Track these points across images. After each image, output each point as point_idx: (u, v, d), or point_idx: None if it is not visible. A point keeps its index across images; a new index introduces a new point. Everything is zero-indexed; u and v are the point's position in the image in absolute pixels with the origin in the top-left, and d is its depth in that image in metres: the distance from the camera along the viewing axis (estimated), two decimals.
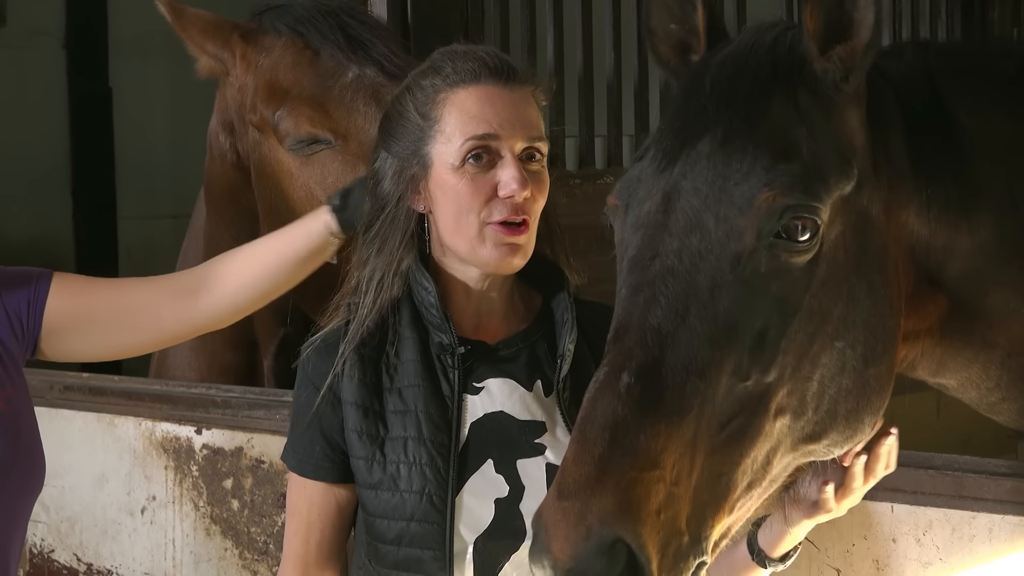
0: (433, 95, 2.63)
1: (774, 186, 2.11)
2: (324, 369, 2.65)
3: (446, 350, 2.63)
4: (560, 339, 2.66)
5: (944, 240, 2.30)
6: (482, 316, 2.70)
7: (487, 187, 2.58)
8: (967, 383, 2.45)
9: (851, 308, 2.17)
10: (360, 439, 2.60)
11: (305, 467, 2.68)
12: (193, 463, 3.93)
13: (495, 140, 2.58)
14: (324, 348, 2.68)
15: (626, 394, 2.02)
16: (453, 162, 2.59)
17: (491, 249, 2.59)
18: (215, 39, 4.02)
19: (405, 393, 2.61)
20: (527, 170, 2.60)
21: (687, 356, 2.05)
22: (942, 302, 2.33)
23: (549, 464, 2.58)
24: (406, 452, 2.57)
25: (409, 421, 2.59)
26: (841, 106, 2.22)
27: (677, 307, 2.08)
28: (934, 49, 2.50)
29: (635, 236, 2.18)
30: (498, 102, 2.60)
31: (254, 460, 3.81)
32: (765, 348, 2.10)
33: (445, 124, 2.61)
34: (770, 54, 2.23)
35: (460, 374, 2.62)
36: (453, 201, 2.60)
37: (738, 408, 2.08)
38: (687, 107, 2.23)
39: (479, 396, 2.63)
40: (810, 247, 2.12)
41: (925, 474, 2.98)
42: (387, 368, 2.64)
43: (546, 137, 2.68)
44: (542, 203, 2.64)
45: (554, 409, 2.63)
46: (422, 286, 2.66)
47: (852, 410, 2.19)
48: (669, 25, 2.39)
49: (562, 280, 2.73)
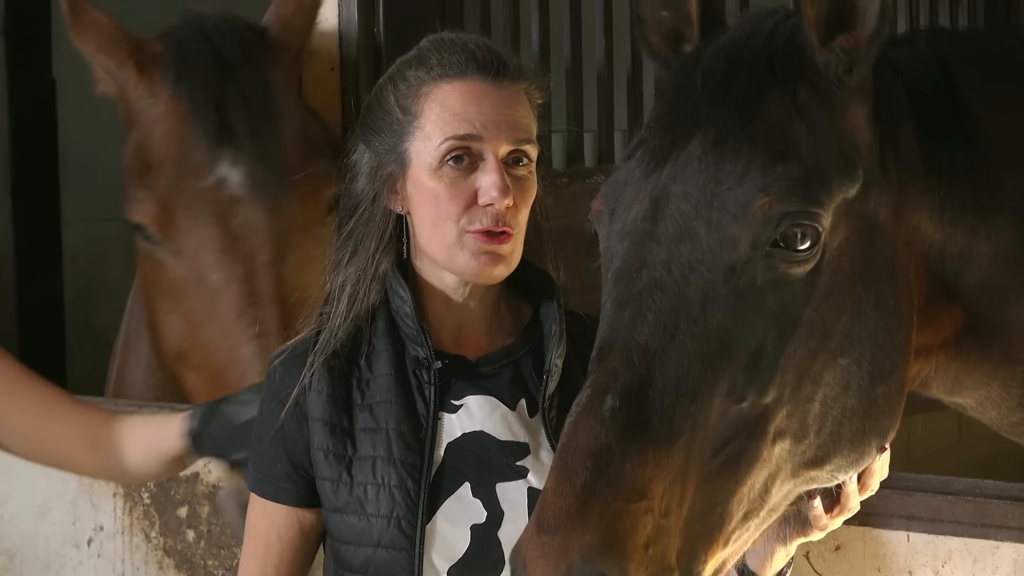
0: (416, 88, 2.64)
1: (771, 191, 2.11)
2: (291, 382, 2.66)
3: (422, 364, 2.64)
4: (547, 353, 2.67)
5: (960, 246, 2.31)
6: (463, 328, 2.71)
7: (466, 192, 2.59)
8: (986, 402, 2.45)
9: (856, 322, 2.17)
10: (326, 459, 2.61)
11: (265, 487, 2.69)
12: (144, 490, 3.94)
13: (477, 142, 2.59)
14: (292, 359, 2.69)
15: (610, 418, 2.02)
16: (431, 163, 2.60)
17: (470, 258, 2.60)
18: (111, 57, 3.82)
19: (376, 410, 2.62)
20: (512, 175, 2.60)
21: (677, 376, 2.06)
22: (958, 314, 2.34)
23: (531, 488, 2.59)
24: (374, 473, 2.58)
25: (379, 440, 2.60)
26: (844, 101, 2.22)
27: (666, 323, 2.08)
28: (948, 37, 2.51)
29: (621, 245, 2.19)
30: (484, 100, 2.61)
31: (211, 486, 3.82)
32: (762, 367, 2.10)
33: (426, 121, 2.62)
34: (767, 45, 2.24)
35: (436, 391, 2.63)
36: (430, 205, 2.61)
37: (733, 432, 2.09)
38: (677, 103, 2.24)
39: (457, 415, 2.64)
40: (811, 257, 2.12)
41: (944, 500, 2.99)
42: (359, 383, 2.65)
43: (537, 140, 2.68)
44: (526, 212, 2.64)
45: (539, 430, 2.64)
46: (398, 294, 2.67)
47: (858, 432, 2.20)
48: (660, 12, 2.40)
49: (552, 289, 2.74)
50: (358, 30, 4.05)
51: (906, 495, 3.10)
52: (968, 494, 3.05)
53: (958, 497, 3.03)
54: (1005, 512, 2.94)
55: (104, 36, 3.81)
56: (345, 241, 2.70)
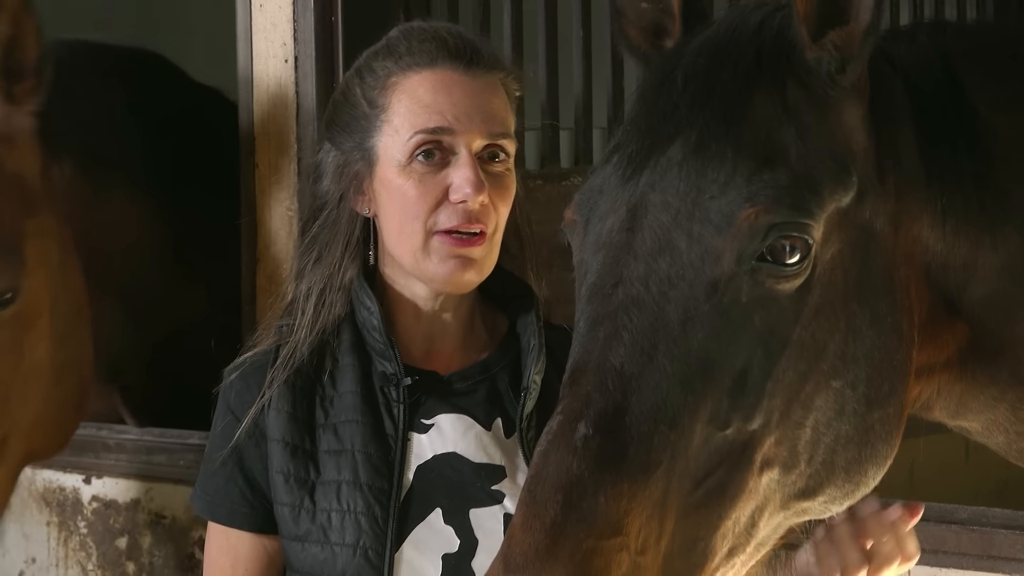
0: (384, 79, 2.66)
1: (757, 200, 2.11)
2: (248, 398, 2.67)
3: (390, 381, 2.64)
4: (525, 369, 2.68)
5: (964, 257, 2.32)
6: (434, 341, 2.71)
7: (437, 189, 2.60)
8: (993, 426, 2.46)
9: (851, 341, 2.18)
10: (287, 483, 2.61)
11: (217, 511, 2.68)
12: (81, 518, 3.93)
13: (449, 135, 2.60)
14: (251, 373, 2.70)
15: (583, 447, 2.02)
16: (400, 158, 2.61)
17: (437, 263, 2.60)
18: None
19: (341, 430, 2.63)
20: (487, 172, 2.62)
21: (655, 401, 2.06)
22: (962, 331, 2.35)
23: (508, 515, 2.60)
24: (339, 499, 2.59)
25: (344, 463, 2.60)
26: (837, 102, 2.23)
27: (643, 343, 2.08)
28: (952, 31, 2.51)
29: (595, 258, 2.19)
30: (456, 90, 2.62)
31: (153, 514, 3.81)
32: (748, 390, 2.10)
33: (393, 113, 2.63)
34: (754, 41, 2.24)
35: (406, 409, 2.63)
36: (398, 204, 2.62)
37: (716, 461, 2.09)
38: (656, 104, 2.24)
39: (427, 435, 2.65)
40: (800, 271, 2.13)
41: (948, 530, 3.00)
42: (322, 400, 2.66)
43: (514, 134, 2.69)
44: (505, 212, 2.65)
45: (516, 452, 2.65)
46: (364, 305, 2.67)
47: (853, 461, 2.20)
48: (640, 4, 2.40)
49: (531, 301, 2.75)
50: (314, 20, 4.04)
51: None
52: (974, 523, 3.06)
53: (963, 527, 3.04)
54: (1014, 543, 2.95)
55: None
56: (309, 246, 2.71)
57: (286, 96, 4.07)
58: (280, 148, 4.06)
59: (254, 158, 4.09)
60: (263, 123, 4.11)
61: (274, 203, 4.05)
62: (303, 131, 4.00)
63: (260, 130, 4.10)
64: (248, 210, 4.09)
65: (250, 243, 4.08)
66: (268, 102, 4.11)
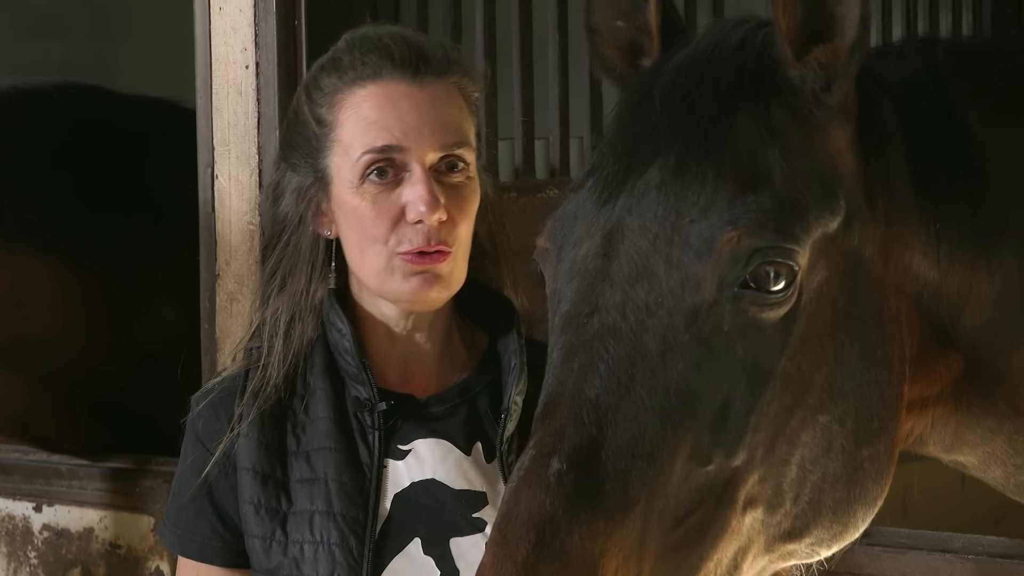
0: (331, 95, 2.66)
1: (739, 223, 2.12)
2: (218, 427, 2.68)
3: (364, 406, 2.65)
4: (506, 389, 2.69)
5: (958, 285, 2.33)
6: (409, 363, 2.73)
7: (393, 209, 2.61)
8: (990, 459, 2.47)
9: (839, 374, 2.18)
10: (257, 514, 2.62)
11: (188, 546, 2.69)
12: (31, 548, 3.93)
13: (399, 152, 2.61)
14: (219, 401, 2.70)
15: (556, 484, 2.02)
16: (351, 179, 2.62)
17: (401, 280, 2.61)
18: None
19: (314, 458, 2.64)
20: (445, 184, 2.62)
21: (632, 435, 2.06)
22: (956, 362, 2.36)
23: None
24: (312, 530, 2.59)
25: (317, 492, 2.61)
26: (823, 122, 2.24)
27: (620, 375, 2.09)
28: (942, 47, 2.51)
29: (570, 286, 2.19)
30: (403, 103, 2.63)
31: (108, 544, 3.82)
32: (730, 425, 2.11)
33: (342, 132, 2.64)
34: (735, 59, 2.25)
35: (381, 435, 2.64)
36: (355, 226, 2.64)
37: (697, 499, 2.09)
38: (633, 125, 2.24)
39: (404, 461, 2.66)
40: (785, 299, 2.13)
41: (942, 558, 3.03)
42: (293, 427, 2.67)
43: (475, 139, 2.69)
44: (468, 225, 2.66)
45: (497, 477, 2.67)
46: (335, 327, 2.68)
47: (841, 501, 2.21)
48: (615, 22, 2.41)
49: (512, 317, 2.76)
50: (276, 24, 4.04)
51: (899, 553, 3.14)
52: (970, 552, 3.09)
53: (957, 555, 3.07)
54: (1012, 573, 2.98)
55: None
56: (272, 273, 2.72)
57: (247, 104, 4.08)
58: (240, 158, 4.06)
59: (213, 169, 4.09)
60: (223, 132, 4.11)
61: (235, 216, 4.05)
62: (265, 140, 4.01)
63: (219, 139, 4.10)
64: (206, 224, 4.10)
65: (209, 259, 4.08)
66: (228, 110, 4.11)
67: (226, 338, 3.96)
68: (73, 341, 4.65)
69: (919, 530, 3.14)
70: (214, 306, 4.04)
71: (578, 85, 4.94)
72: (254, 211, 3.98)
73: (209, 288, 4.07)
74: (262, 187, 3.94)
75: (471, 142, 2.69)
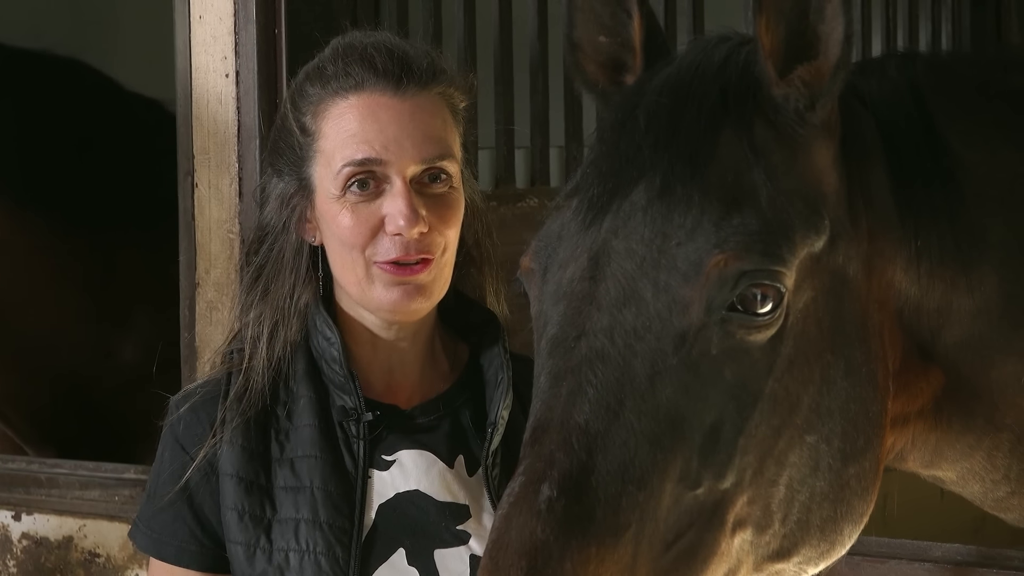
0: (315, 105, 2.65)
1: (726, 246, 2.11)
2: (198, 431, 2.65)
3: (350, 416, 2.63)
4: (492, 404, 2.68)
5: (938, 301, 2.32)
6: (393, 373, 2.71)
7: (372, 219, 2.59)
8: (968, 475, 2.47)
9: (825, 393, 2.18)
10: (241, 520, 2.60)
11: (164, 549, 2.66)
12: (10, 557, 3.91)
13: (379, 165, 2.59)
14: (201, 404, 2.68)
15: (547, 511, 2.01)
16: (333, 190, 2.61)
17: (382, 291, 2.60)
18: None
19: (298, 465, 2.62)
20: (427, 195, 2.60)
21: (622, 460, 2.05)
22: (937, 378, 2.36)
23: (474, 556, 2.60)
24: (297, 538, 2.57)
25: (303, 500, 2.59)
26: (807, 141, 2.23)
27: (609, 399, 2.07)
28: (923, 62, 2.51)
29: (556, 309, 2.18)
30: (383, 116, 2.61)
31: (87, 553, 3.80)
32: (719, 447, 2.10)
33: (325, 142, 2.62)
34: (719, 77, 2.24)
35: (366, 445, 2.62)
36: (336, 235, 2.62)
37: (687, 522, 2.08)
38: (618, 146, 2.23)
39: (389, 472, 2.64)
40: (772, 321, 2.12)
41: (921, 568, 3.03)
42: (277, 434, 2.65)
43: (462, 149, 2.67)
44: (451, 235, 2.64)
45: (480, 491, 2.65)
46: (323, 335, 2.66)
47: (829, 519, 2.20)
48: (598, 38, 2.39)
49: (496, 330, 2.74)
50: (256, 32, 4.02)
51: (879, 562, 3.14)
52: (948, 561, 3.09)
53: (937, 565, 3.07)
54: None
55: None
56: (255, 278, 2.70)
57: (227, 112, 4.06)
58: (220, 167, 4.04)
59: (193, 177, 4.07)
60: (202, 140, 4.09)
61: (214, 225, 4.04)
62: (244, 149, 3.99)
63: (199, 148, 4.08)
64: (186, 232, 4.08)
65: (189, 267, 4.06)
66: (208, 118, 4.09)
67: (206, 346, 3.94)
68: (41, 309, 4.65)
69: (899, 539, 3.14)
70: (194, 314, 4.02)
71: (557, 94, 4.92)
72: (234, 219, 3.96)
73: (189, 296, 4.05)
74: (242, 196, 3.92)
75: (454, 153, 2.66)
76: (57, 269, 4.81)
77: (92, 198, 4.87)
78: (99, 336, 4.89)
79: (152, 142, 4.41)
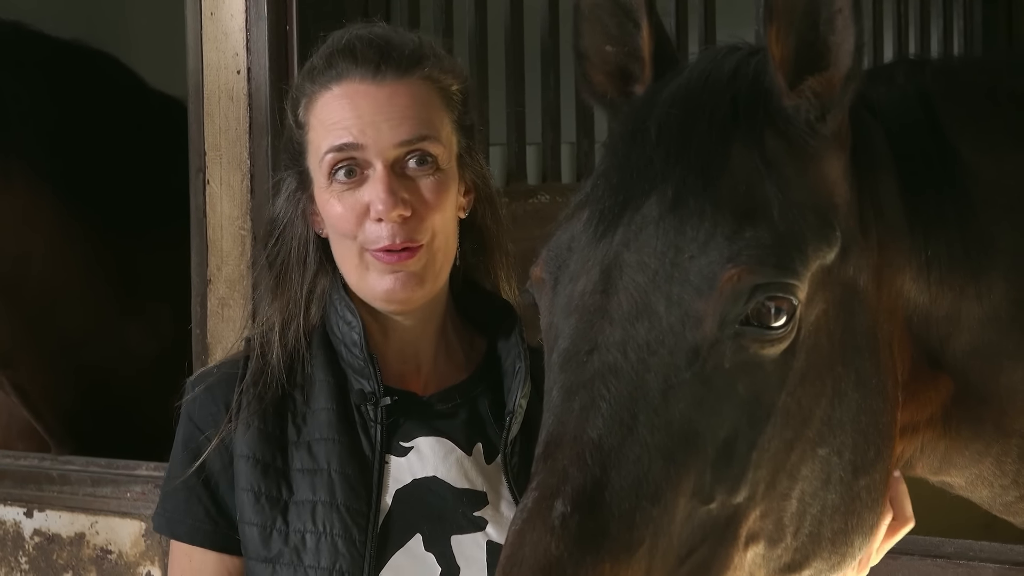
0: (307, 99, 2.69)
1: (739, 260, 2.09)
2: (213, 410, 2.67)
3: (368, 400, 2.64)
4: (510, 392, 2.68)
5: (948, 308, 2.31)
6: (406, 361, 2.72)
7: (358, 207, 2.61)
8: (977, 481, 2.46)
9: (837, 405, 2.16)
10: (257, 502, 2.61)
11: (177, 527, 2.67)
12: (22, 553, 3.92)
13: (359, 150, 2.61)
14: (216, 384, 2.69)
15: (561, 527, 1.99)
16: (320, 180, 2.64)
17: (377, 279, 2.61)
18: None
19: (315, 448, 2.62)
20: (413, 178, 2.61)
21: (636, 476, 2.03)
22: (946, 386, 2.34)
23: (491, 542, 2.61)
24: (314, 519, 2.58)
25: (320, 482, 2.60)
26: (818, 152, 2.21)
27: (622, 414, 2.06)
28: (931, 69, 2.49)
29: (567, 322, 2.16)
30: (361, 102, 2.62)
31: (99, 549, 3.80)
32: (732, 462, 2.08)
33: (313, 134, 2.67)
34: (729, 88, 2.22)
35: (384, 429, 2.63)
36: (330, 225, 2.66)
37: (700, 537, 2.07)
38: (629, 158, 2.21)
39: (406, 458, 2.65)
40: (786, 334, 2.11)
41: (933, 564, 3.03)
42: (293, 417, 2.66)
43: (458, 132, 2.66)
44: (438, 219, 2.63)
45: (499, 479, 2.65)
46: (344, 319, 2.67)
47: (840, 531, 2.19)
48: (604, 47, 2.37)
49: (513, 320, 2.74)
50: (267, 29, 4.03)
51: (890, 559, 3.12)
52: (960, 557, 3.09)
53: (949, 560, 3.07)
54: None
55: None
56: (267, 269, 2.73)
57: (238, 109, 4.06)
58: (232, 163, 4.05)
59: (204, 174, 4.08)
60: (214, 137, 4.10)
61: (226, 221, 4.04)
62: (256, 145, 3.99)
63: (211, 144, 4.09)
64: (198, 229, 4.09)
65: (200, 264, 4.07)
66: (219, 115, 4.10)
67: (217, 343, 3.96)
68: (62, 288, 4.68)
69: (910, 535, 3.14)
70: (205, 311, 4.03)
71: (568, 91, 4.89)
72: (246, 216, 3.97)
73: (200, 293, 4.06)
74: (254, 192, 3.93)
75: (438, 134, 2.65)
76: (91, 265, 4.84)
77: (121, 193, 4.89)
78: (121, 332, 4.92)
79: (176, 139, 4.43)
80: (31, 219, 4.67)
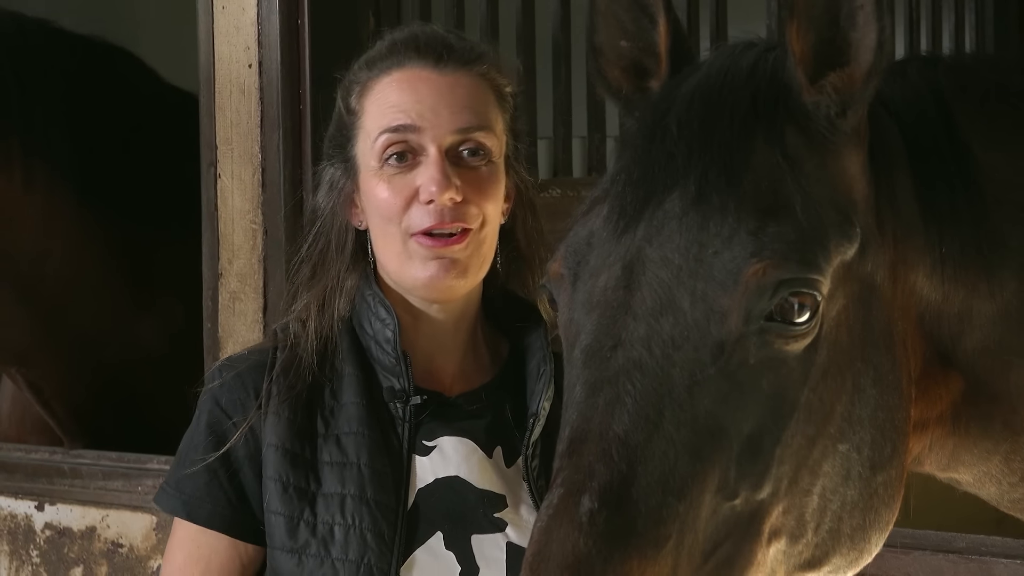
0: (361, 85, 2.69)
1: (764, 255, 2.08)
2: (241, 395, 2.66)
3: (398, 397, 2.64)
4: (533, 395, 2.68)
5: (959, 306, 2.30)
6: (434, 359, 2.72)
7: (407, 190, 2.60)
8: (985, 478, 2.46)
9: (856, 401, 2.16)
10: (285, 492, 2.60)
11: (197, 511, 2.65)
12: (33, 547, 3.92)
13: (415, 132, 2.61)
14: (247, 371, 2.69)
15: (588, 523, 1.98)
16: (372, 163, 2.63)
17: (419, 266, 2.60)
18: None
19: (344, 442, 2.62)
20: (464, 169, 2.61)
21: (662, 472, 2.02)
22: (956, 383, 2.33)
23: (511, 544, 2.61)
24: (343, 512, 2.58)
25: (349, 476, 2.60)
26: (838, 148, 2.20)
27: (648, 410, 2.04)
28: (943, 66, 2.47)
29: (589, 318, 2.14)
30: (422, 87, 2.63)
31: (110, 543, 3.81)
32: (756, 458, 2.07)
33: (367, 119, 2.66)
34: (748, 85, 2.21)
35: (411, 428, 2.63)
36: (374, 209, 2.64)
37: (724, 533, 2.06)
38: (649, 153, 2.19)
39: (429, 457, 2.65)
40: (809, 330, 2.09)
41: (945, 559, 3.03)
42: (322, 410, 2.66)
43: (508, 134, 2.67)
44: (491, 209, 2.63)
45: (518, 482, 2.66)
46: (377, 316, 2.66)
47: (858, 527, 2.19)
48: (619, 42, 2.36)
49: (539, 324, 2.73)
50: (279, 23, 4.03)
51: (903, 553, 3.14)
52: (973, 552, 3.09)
53: (961, 556, 3.07)
54: (1015, 573, 2.98)
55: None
56: (304, 261, 2.73)
57: (250, 103, 4.07)
58: (243, 157, 4.04)
59: (216, 168, 4.07)
60: (225, 131, 4.10)
61: (237, 216, 4.04)
62: (267, 139, 3.99)
63: (222, 138, 4.09)
64: (209, 223, 4.09)
65: (212, 258, 4.07)
66: (231, 109, 4.10)
67: (228, 337, 3.96)
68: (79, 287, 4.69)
69: (922, 530, 3.14)
70: (217, 305, 4.03)
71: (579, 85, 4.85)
72: (257, 210, 3.97)
73: (212, 287, 4.05)
74: (265, 186, 3.93)
75: (493, 128, 2.66)
76: (107, 263, 4.84)
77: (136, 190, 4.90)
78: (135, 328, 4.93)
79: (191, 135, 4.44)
80: (51, 218, 4.67)
